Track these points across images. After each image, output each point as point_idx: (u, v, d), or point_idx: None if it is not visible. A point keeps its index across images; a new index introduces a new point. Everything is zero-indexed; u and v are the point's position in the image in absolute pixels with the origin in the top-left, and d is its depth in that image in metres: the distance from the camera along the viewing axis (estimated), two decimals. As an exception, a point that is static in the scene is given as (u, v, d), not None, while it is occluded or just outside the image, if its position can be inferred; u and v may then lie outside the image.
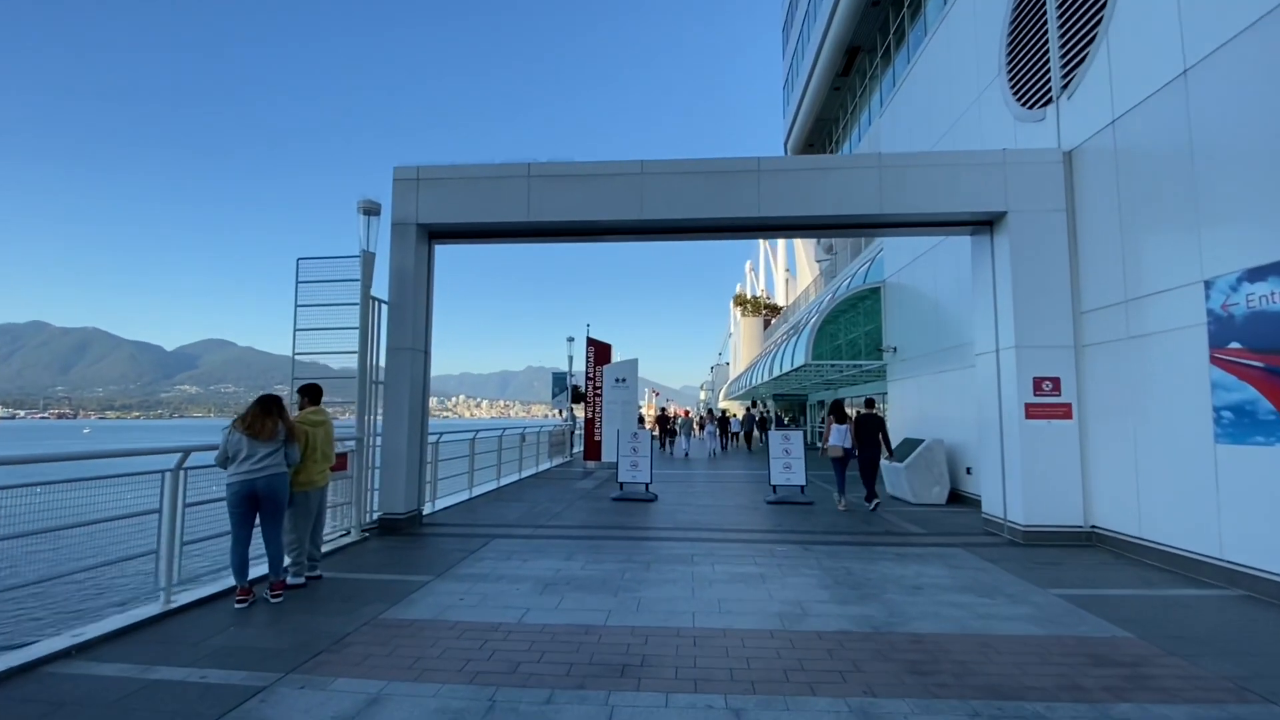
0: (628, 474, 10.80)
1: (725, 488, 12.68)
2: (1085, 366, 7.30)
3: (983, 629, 4.37)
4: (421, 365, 8.19)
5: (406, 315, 7.91)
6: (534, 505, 9.93)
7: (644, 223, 7.93)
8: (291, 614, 4.70)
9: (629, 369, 17.07)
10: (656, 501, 10.40)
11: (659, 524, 8.35)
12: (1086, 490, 7.21)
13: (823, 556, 6.48)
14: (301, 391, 5.71)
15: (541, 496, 11.02)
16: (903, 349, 13.34)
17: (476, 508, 9.70)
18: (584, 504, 10.14)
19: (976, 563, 6.29)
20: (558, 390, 21.10)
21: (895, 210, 7.62)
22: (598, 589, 5.30)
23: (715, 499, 10.90)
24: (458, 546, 6.89)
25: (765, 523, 8.49)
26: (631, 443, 10.93)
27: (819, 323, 14.81)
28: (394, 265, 7.97)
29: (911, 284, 12.89)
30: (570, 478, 14.52)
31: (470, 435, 11.30)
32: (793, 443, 10.63)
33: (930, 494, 10.33)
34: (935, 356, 11.53)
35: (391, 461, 7.72)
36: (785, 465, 10.52)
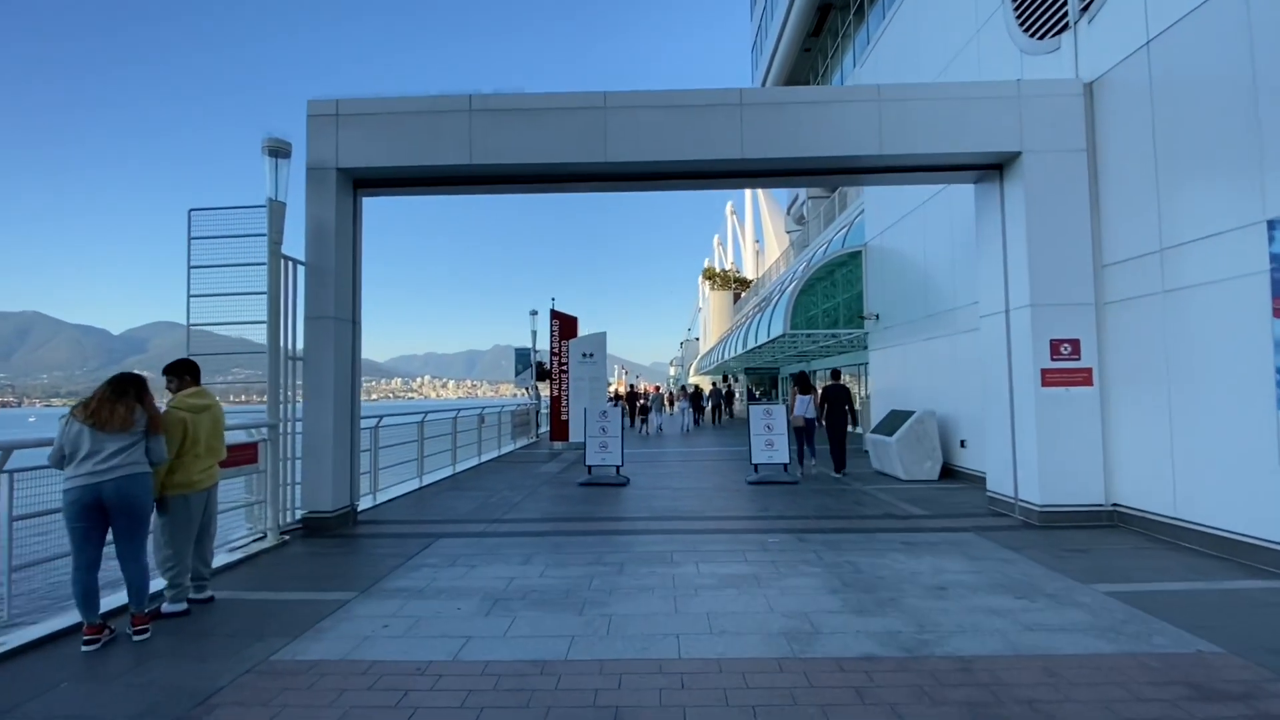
0: (596, 456, 9.80)
1: (702, 467, 11.80)
2: (1108, 326, 6.51)
3: (1038, 646, 3.51)
4: (349, 338, 6.98)
5: (328, 278, 6.66)
6: (491, 494, 8.86)
7: (608, 167, 6.80)
8: (153, 658, 3.57)
9: (597, 343, 15.99)
10: (629, 486, 9.43)
11: (632, 513, 7.39)
12: (1108, 465, 6.47)
13: (822, 549, 5.60)
14: (171, 371, 4.47)
15: (500, 484, 9.95)
16: (886, 316, 12.55)
17: (425, 500, 8.59)
18: (548, 491, 9.11)
19: (997, 551, 5.48)
20: (521, 367, 19.91)
21: (896, 151, 6.64)
22: (559, 604, 4.29)
23: (692, 480, 9.99)
24: (394, 550, 5.80)
25: (750, 507, 7.59)
26: (600, 422, 9.91)
27: (797, 290, 13.93)
28: (311, 219, 6.69)
29: (896, 246, 12.04)
30: (535, 460, 13.46)
31: (419, 417, 10.12)
32: (774, 418, 9.75)
33: (922, 469, 9.60)
34: (923, 323, 10.74)
35: (314, 451, 6.55)
36: (767, 442, 9.65)
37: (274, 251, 6.16)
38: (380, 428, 8.66)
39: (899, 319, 11.85)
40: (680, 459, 13.34)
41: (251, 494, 6.19)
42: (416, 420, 10.05)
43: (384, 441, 9.38)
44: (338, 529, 6.59)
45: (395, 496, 8.64)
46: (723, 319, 53.61)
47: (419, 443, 9.94)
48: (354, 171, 6.86)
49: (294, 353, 6.55)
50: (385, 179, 7.07)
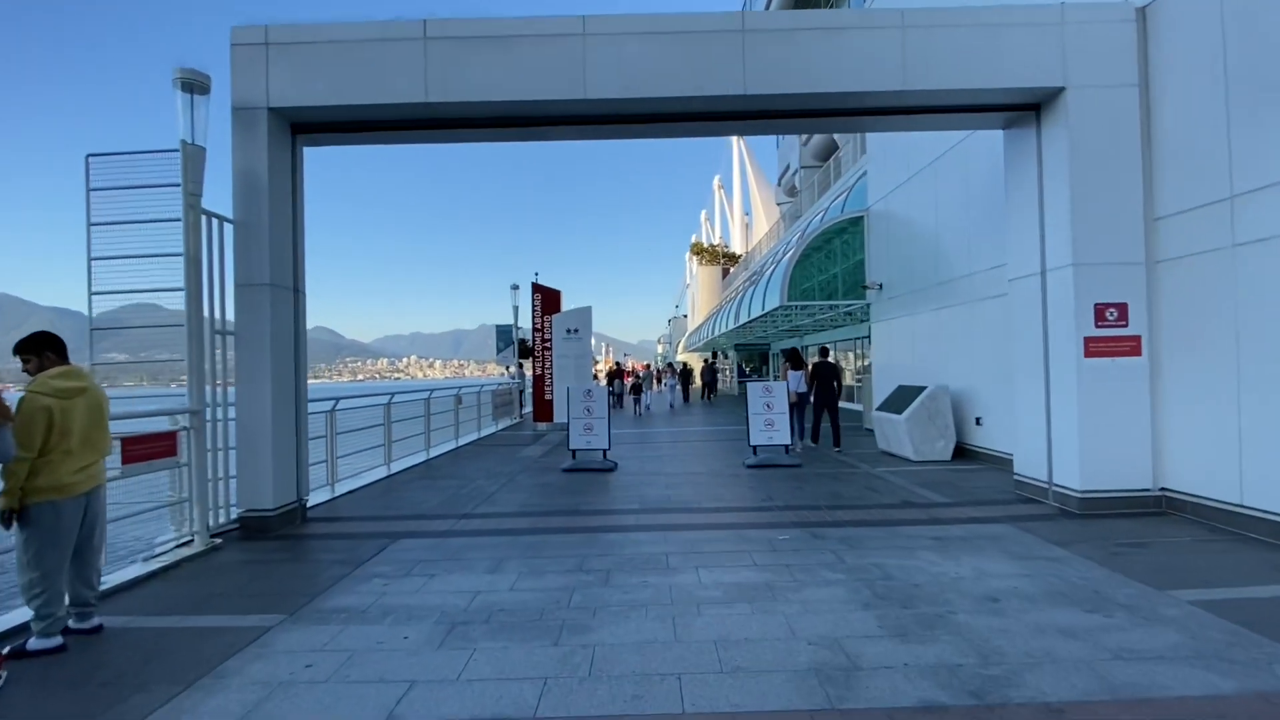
0: (581, 439, 8.96)
1: (694, 449, 11.02)
2: (1161, 288, 5.73)
3: (1139, 684, 2.75)
4: (291, 308, 6.03)
5: (261, 239, 5.69)
6: (465, 484, 8.02)
7: (588, 106, 5.84)
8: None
9: (581, 318, 15.08)
10: (616, 471, 8.63)
11: (621, 504, 6.58)
12: (1156, 446, 5.74)
13: (841, 548, 4.83)
14: (24, 348, 3.51)
15: (476, 471, 9.10)
16: (890, 285, 11.74)
17: (391, 491, 7.73)
18: (527, 479, 8.28)
19: (1041, 548, 4.74)
20: (503, 345, 18.95)
21: (921, 86, 5.75)
22: (530, 629, 3.48)
23: (685, 464, 9.21)
24: (342, 556, 4.95)
25: (752, 495, 6.82)
26: (584, 402, 9.06)
27: (794, 259, 13.06)
28: (239, 169, 5.70)
29: (903, 210, 11.19)
30: (517, 443, 12.62)
31: (385, 399, 9.20)
32: (775, 395, 8.95)
33: (934, 449, 8.88)
34: (934, 291, 9.94)
35: (251, 440, 5.64)
36: (766, 422, 8.86)
37: (191, 205, 5.17)
38: (338, 411, 7.74)
39: (906, 288, 11.05)
40: (671, 440, 12.56)
41: (177, 492, 5.29)
42: (383, 402, 9.13)
43: (347, 426, 8.50)
44: (281, 529, 5.72)
45: (357, 488, 7.77)
46: (711, 295, 52.71)
47: (385, 427, 9.04)
48: (289, 113, 5.85)
49: (223, 326, 5.61)
50: (328, 123, 6.06)
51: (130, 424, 4.82)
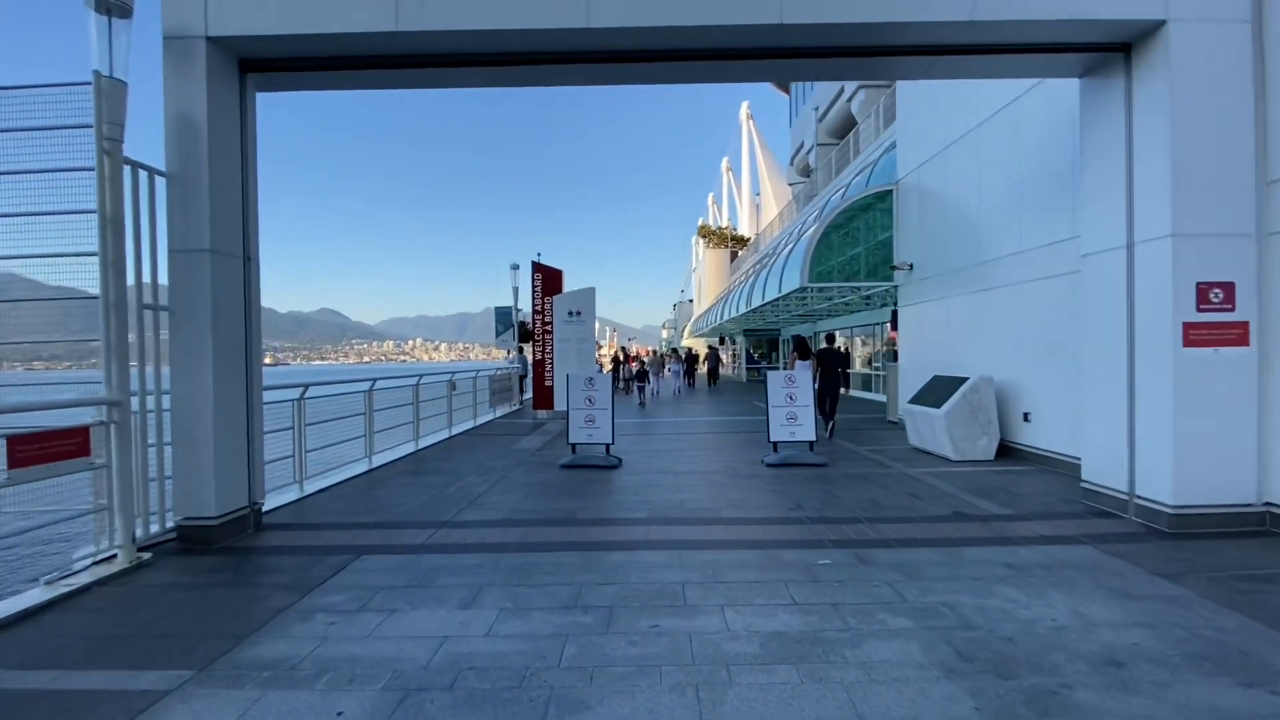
0: (581, 433, 8.08)
1: (705, 441, 10.15)
2: (1273, 265, 4.77)
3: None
4: (240, 279, 5.13)
5: (201, 196, 4.77)
6: (452, 481, 7.16)
7: (590, 39, 4.87)
8: None
9: (584, 299, 14.16)
10: (621, 468, 7.76)
11: (626, 510, 5.71)
12: (1263, 452, 4.82)
13: (897, 577, 3.94)
14: None
15: (467, 465, 8.24)
16: (922, 266, 10.75)
17: (369, 489, 6.88)
18: (522, 476, 7.41)
19: (1144, 580, 3.85)
20: (502, 328, 18.05)
21: (994, 17, 4.75)
22: (507, 706, 2.61)
23: (697, 460, 8.33)
24: (289, 579, 4.10)
25: (778, 501, 5.93)
26: (585, 390, 8.16)
27: (816, 236, 12.05)
28: (174, 112, 4.77)
29: (939, 183, 10.17)
30: (515, 432, 11.77)
31: (366, 385, 8.32)
32: (798, 386, 8.04)
33: (976, 447, 7.96)
34: (974, 272, 8.96)
35: (189, 435, 4.78)
36: (789, 415, 7.95)
37: (109, 151, 4.26)
38: (315, 399, 6.86)
39: (940, 268, 10.06)
40: (678, 431, 11.69)
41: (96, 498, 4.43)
42: (363, 390, 8.25)
43: (325, 415, 7.66)
44: (227, 540, 4.87)
45: (331, 485, 6.93)
46: (719, 278, 51.62)
47: (367, 416, 8.18)
48: (234, 45, 4.89)
49: (155, 301, 4.72)
50: (281, 59, 5.11)
51: (30, 418, 3.96)
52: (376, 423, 8.59)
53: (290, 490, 6.52)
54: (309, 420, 7.12)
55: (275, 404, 6.62)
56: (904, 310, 11.60)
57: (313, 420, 7.21)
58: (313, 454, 7.27)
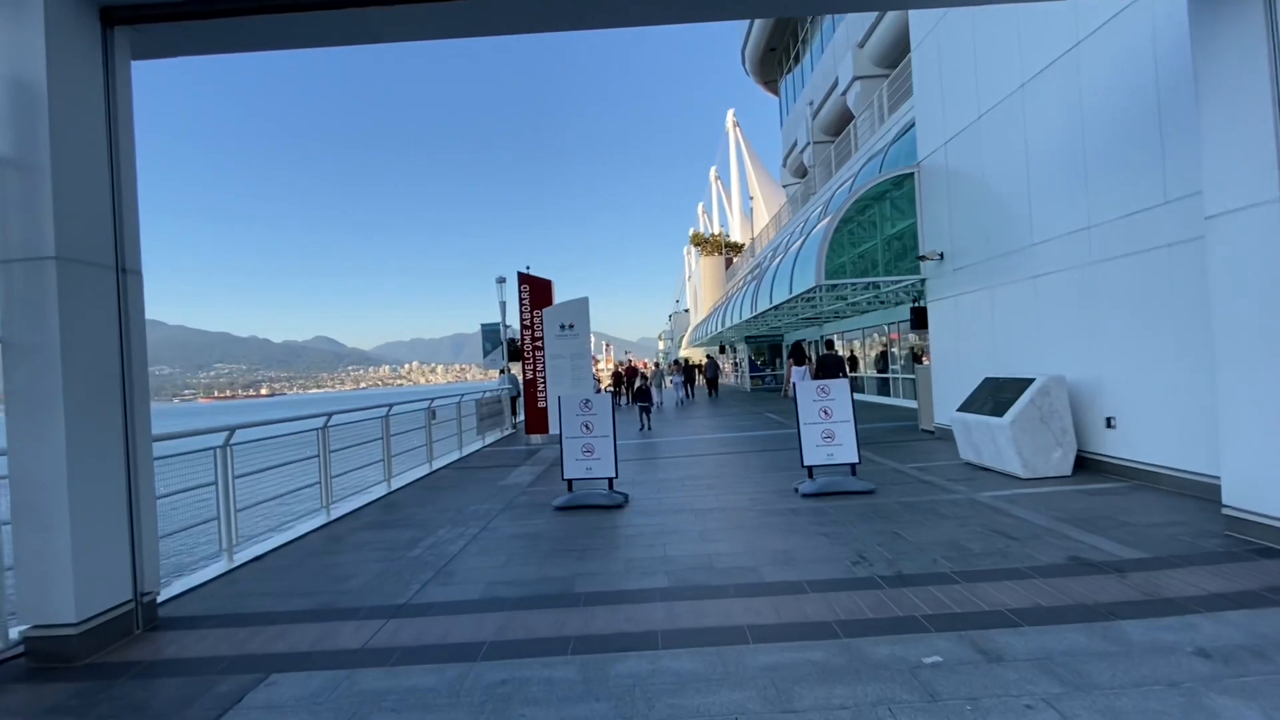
0: (578, 466, 6.77)
1: (723, 464, 8.84)
2: None
3: None
4: (112, 298, 3.84)
5: (41, 184, 3.50)
6: (420, 536, 5.83)
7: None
8: None
9: (577, 310, 12.89)
10: (627, 507, 6.45)
11: (639, 577, 4.39)
12: None
13: (1054, 688, 2.63)
14: None
15: (444, 510, 6.91)
16: (956, 254, 9.53)
17: (317, 553, 5.54)
18: (506, 526, 6.08)
19: None
20: (490, 346, 16.76)
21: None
22: None
23: (718, 491, 7.01)
24: (152, 728, 2.78)
25: (833, 551, 4.63)
26: (581, 415, 6.86)
27: (832, 228, 10.82)
28: (3, 71, 3.51)
29: (972, 159, 8.98)
30: (505, 463, 10.44)
31: (322, 420, 6.99)
32: (834, 398, 6.75)
33: (1049, 462, 6.69)
34: (1025, 257, 7.74)
35: (34, 514, 3.46)
36: (825, 434, 6.67)
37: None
38: (233, 445, 5.52)
39: (980, 255, 8.83)
40: (689, 452, 10.38)
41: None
42: (316, 426, 6.92)
43: (277, 460, 6.36)
44: (96, 653, 3.54)
45: (272, 549, 5.60)
46: (715, 286, 50.57)
47: (321, 459, 6.84)
48: (83, -21, 3.65)
49: (-19, 329, 3.43)
50: (158, 4, 3.86)
51: None
52: (337, 464, 7.29)
53: (215, 563, 5.19)
54: (248, 470, 5.82)
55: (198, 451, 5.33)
56: (934, 305, 10.36)
57: (252, 470, 5.90)
58: (254, 510, 5.98)
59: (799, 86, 30.61)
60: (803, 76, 29.63)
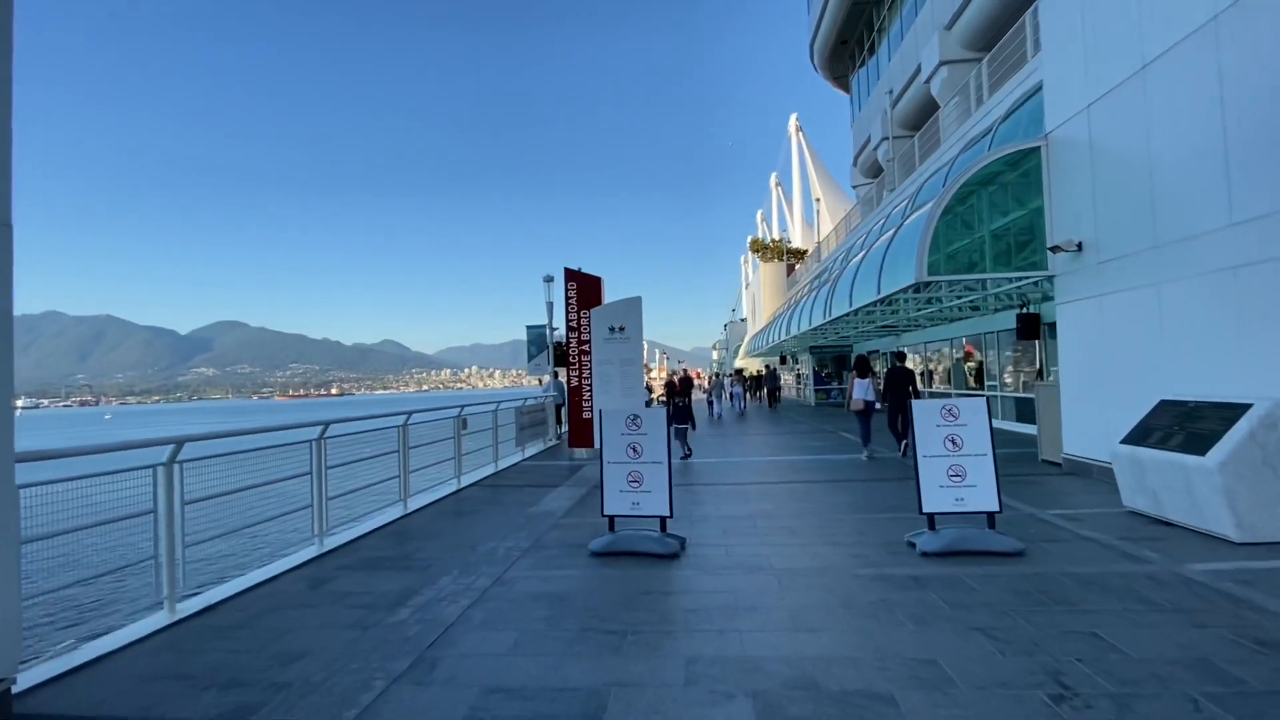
0: (623, 499, 5.29)
1: (799, 495, 7.18)
2: None
3: None
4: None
5: None
6: (416, 585, 4.49)
7: None
8: None
9: (629, 311, 11.50)
10: (682, 559, 4.93)
11: (705, 700, 2.87)
12: None
13: None
14: None
15: (456, 548, 5.56)
16: (1104, 243, 7.59)
17: (280, 607, 4.28)
18: (526, 579, 4.65)
19: None
20: (535, 350, 15.59)
21: None
22: None
23: (802, 542, 5.38)
24: None
25: (1005, 670, 2.97)
26: (628, 434, 5.39)
27: (937, 214, 9.00)
28: None
29: (1131, 122, 7.07)
30: (541, 482, 9.09)
31: (317, 430, 5.79)
32: (967, 423, 5.05)
33: (1275, 520, 4.77)
34: (1216, 241, 5.82)
35: None
36: (953, 471, 4.97)
37: None
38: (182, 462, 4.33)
39: (1141, 243, 6.90)
40: (754, 474, 8.77)
41: None
42: (310, 437, 5.73)
43: (266, 474, 5.22)
44: None
45: (236, 594, 4.39)
46: (775, 294, 48.41)
47: (313, 480, 5.63)
48: None
49: None
50: None
51: None
52: (337, 483, 6.10)
53: (152, 617, 4.00)
54: (218, 490, 4.66)
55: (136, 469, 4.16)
56: (1066, 309, 8.39)
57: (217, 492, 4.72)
58: (223, 542, 4.82)
59: (873, 80, 28.54)
60: (878, 68, 27.56)
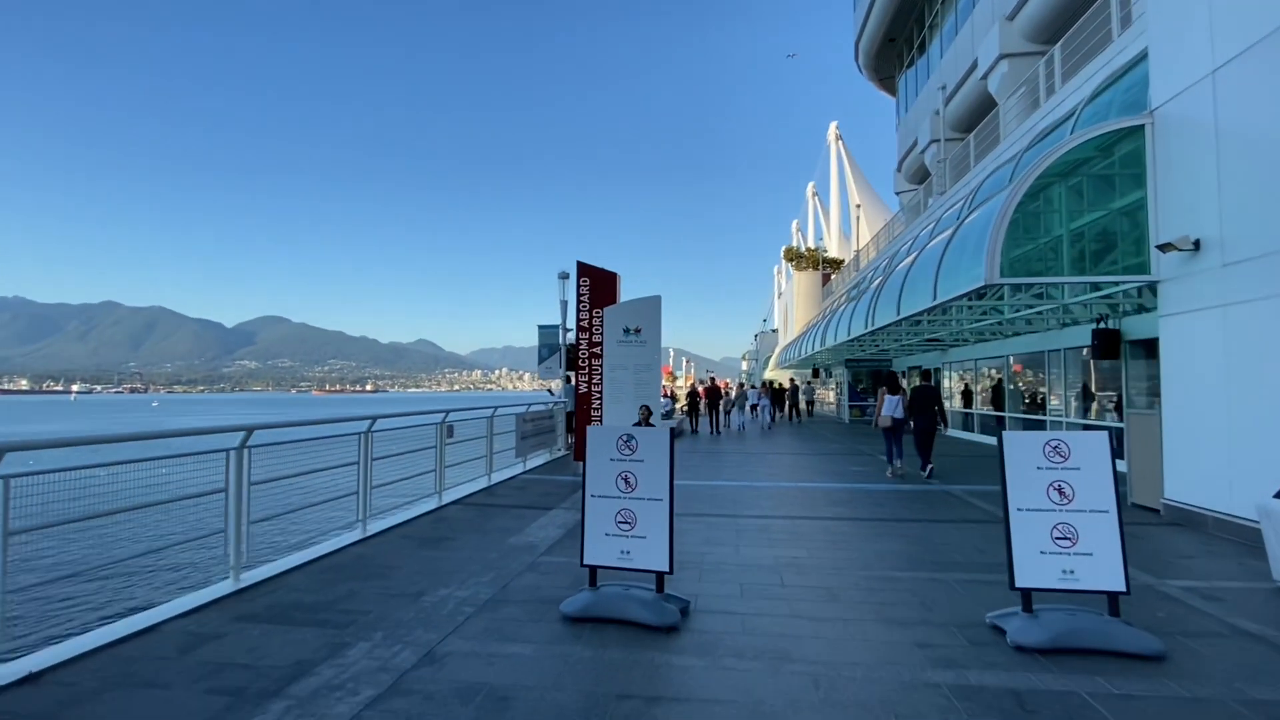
0: (609, 546, 4.03)
1: (838, 543, 5.79)
2: None
3: None
4: None
5: None
6: (313, 659, 3.30)
7: None
8: None
9: (646, 311, 10.28)
10: (683, 634, 3.65)
11: None
12: None
13: None
14: None
15: (391, 598, 4.36)
16: (1233, 240, 6.06)
17: (141, 674, 3.14)
18: (467, 654, 3.42)
19: None
20: (546, 352, 14.47)
21: None
22: None
23: (844, 603, 4.06)
24: None
25: None
26: (618, 460, 4.14)
27: (1013, 203, 7.53)
28: None
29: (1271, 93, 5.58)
30: (534, 503, 7.89)
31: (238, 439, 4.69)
32: (1079, 465, 3.67)
33: None
34: None
35: None
36: (1060, 531, 3.60)
37: None
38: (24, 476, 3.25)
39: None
40: (781, 507, 7.41)
41: None
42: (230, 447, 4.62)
43: (195, 486, 4.16)
44: None
45: (74, 656, 3.27)
46: (810, 304, 46.67)
47: (227, 500, 4.51)
48: None
49: None
50: None
51: None
52: (270, 501, 5.00)
53: None
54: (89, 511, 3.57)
55: None
56: (1175, 321, 6.85)
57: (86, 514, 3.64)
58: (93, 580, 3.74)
59: (921, 79, 26.92)
60: (928, 66, 25.94)
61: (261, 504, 4.88)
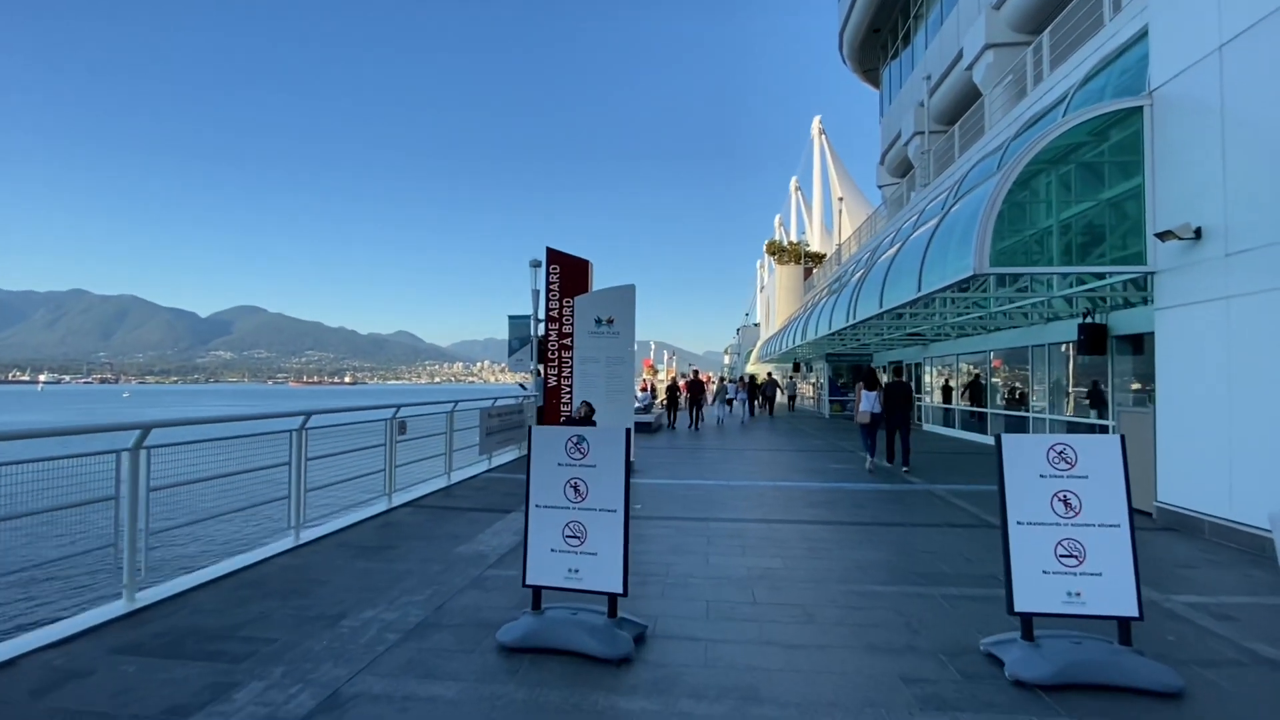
0: (554, 564, 3.52)
1: (818, 551, 5.33)
2: None
3: None
4: None
5: None
6: (204, 696, 2.75)
7: None
8: None
9: (619, 301, 9.76)
10: (637, 667, 3.15)
11: None
12: None
13: None
14: None
15: (309, 622, 3.81)
16: (1238, 228, 5.69)
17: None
18: (373, 707, 2.89)
19: None
20: (517, 344, 13.86)
21: None
22: None
23: (822, 625, 3.58)
24: None
25: None
26: (568, 466, 3.62)
27: (1004, 189, 7.13)
28: None
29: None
30: (490, 505, 7.34)
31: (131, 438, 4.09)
32: (1086, 474, 3.23)
33: None
34: None
35: None
36: (1065, 547, 3.16)
37: None
38: None
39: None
40: (756, 508, 6.94)
41: None
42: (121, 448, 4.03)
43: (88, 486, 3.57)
44: None
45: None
46: (792, 298, 46.46)
47: (118, 508, 3.92)
48: None
49: None
50: None
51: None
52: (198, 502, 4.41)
53: None
54: None
55: None
56: (1172, 315, 6.49)
57: None
58: None
59: (905, 70, 26.61)
60: (912, 57, 25.64)
61: (175, 510, 4.30)
